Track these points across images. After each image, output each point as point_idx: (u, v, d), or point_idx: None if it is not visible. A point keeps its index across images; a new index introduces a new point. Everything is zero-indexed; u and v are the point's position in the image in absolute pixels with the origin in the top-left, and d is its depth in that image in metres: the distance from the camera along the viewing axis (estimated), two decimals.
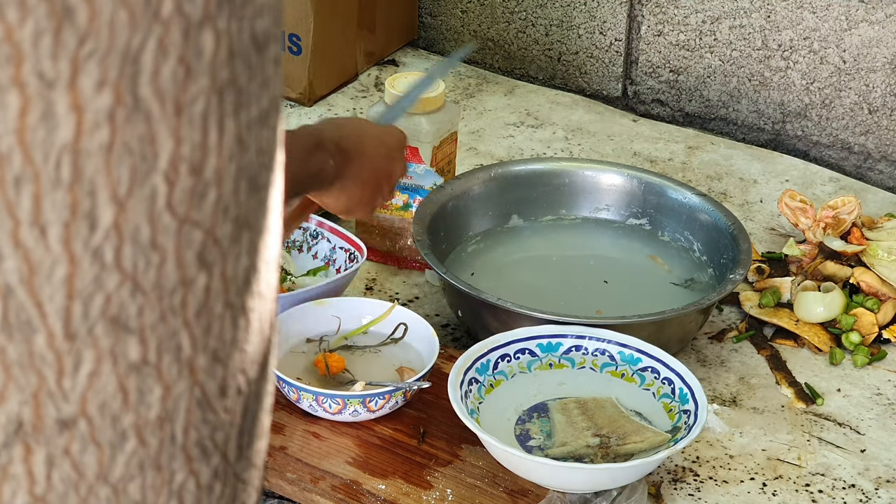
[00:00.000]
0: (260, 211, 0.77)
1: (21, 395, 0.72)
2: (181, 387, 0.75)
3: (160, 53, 0.69)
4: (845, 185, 2.11)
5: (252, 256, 0.77)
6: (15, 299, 0.70)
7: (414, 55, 2.44)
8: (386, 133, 1.53)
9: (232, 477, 0.81)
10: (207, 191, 0.73)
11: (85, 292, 0.71)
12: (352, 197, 1.48)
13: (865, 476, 1.59)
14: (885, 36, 2.08)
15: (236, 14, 0.71)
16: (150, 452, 0.76)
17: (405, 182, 1.83)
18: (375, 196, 1.50)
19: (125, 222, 0.71)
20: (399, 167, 1.53)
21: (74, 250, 0.70)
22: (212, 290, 0.75)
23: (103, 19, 0.67)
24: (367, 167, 1.48)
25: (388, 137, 1.52)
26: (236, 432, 0.80)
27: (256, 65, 0.74)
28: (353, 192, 1.48)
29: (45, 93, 0.67)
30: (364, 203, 1.50)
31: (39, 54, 0.67)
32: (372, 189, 1.49)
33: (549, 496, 1.49)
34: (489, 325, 1.66)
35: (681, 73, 2.27)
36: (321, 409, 1.57)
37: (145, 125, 0.70)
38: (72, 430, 0.73)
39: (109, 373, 0.73)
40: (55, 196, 0.69)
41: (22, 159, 0.68)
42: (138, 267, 0.72)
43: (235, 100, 0.73)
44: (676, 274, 1.83)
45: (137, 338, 0.73)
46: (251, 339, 0.79)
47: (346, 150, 1.46)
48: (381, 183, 1.50)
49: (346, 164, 1.45)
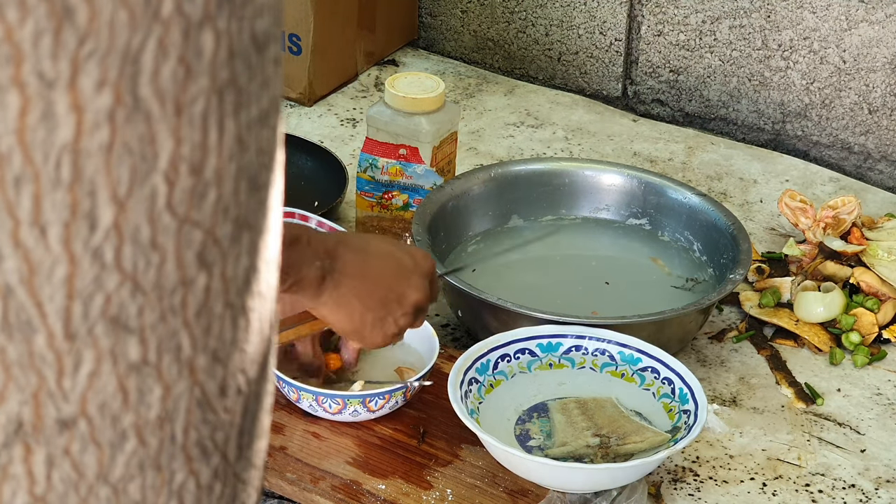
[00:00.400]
0: (260, 211, 0.77)
1: (21, 395, 0.72)
2: (181, 387, 0.75)
3: (160, 53, 0.69)
4: (845, 185, 2.11)
5: (252, 256, 0.77)
6: (15, 299, 0.70)
7: (414, 55, 2.44)
8: (406, 253, 1.41)
9: (232, 477, 0.81)
10: (207, 191, 0.73)
11: (85, 292, 0.71)
12: (352, 315, 1.37)
13: (865, 476, 1.59)
14: (885, 36, 2.08)
15: (236, 14, 0.71)
16: (150, 452, 0.76)
17: (405, 182, 1.84)
18: (384, 319, 1.38)
19: (125, 222, 0.71)
20: (414, 292, 1.39)
21: (74, 250, 0.70)
22: (212, 290, 0.75)
23: (103, 19, 0.67)
24: (370, 284, 1.36)
25: (405, 257, 1.40)
26: (236, 432, 0.80)
27: (256, 65, 0.74)
28: (353, 309, 1.36)
29: (45, 93, 0.67)
30: (371, 326, 1.38)
31: (39, 54, 0.67)
32: (377, 311, 1.37)
33: (549, 496, 1.49)
34: (489, 325, 1.66)
35: (681, 73, 2.27)
36: (321, 409, 1.57)
37: (145, 125, 0.70)
38: (72, 430, 0.73)
39: (109, 373, 0.73)
40: (55, 196, 0.69)
41: (22, 159, 0.68)
42: (138, 267, 0.72)
43: (235, 100, 0.73)
44: (676, 275, 1.83)
45: (137, 338, 0.73)
46: (251, 339, 0.79)
47: (338, 257, 1.34)
48: (389, 305, 1.38)
49: (342, 275, 1.34)
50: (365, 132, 1.86)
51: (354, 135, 2.18)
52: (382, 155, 1.83)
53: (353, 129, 2.20)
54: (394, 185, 1.84)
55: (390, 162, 1.83)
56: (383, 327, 1.39)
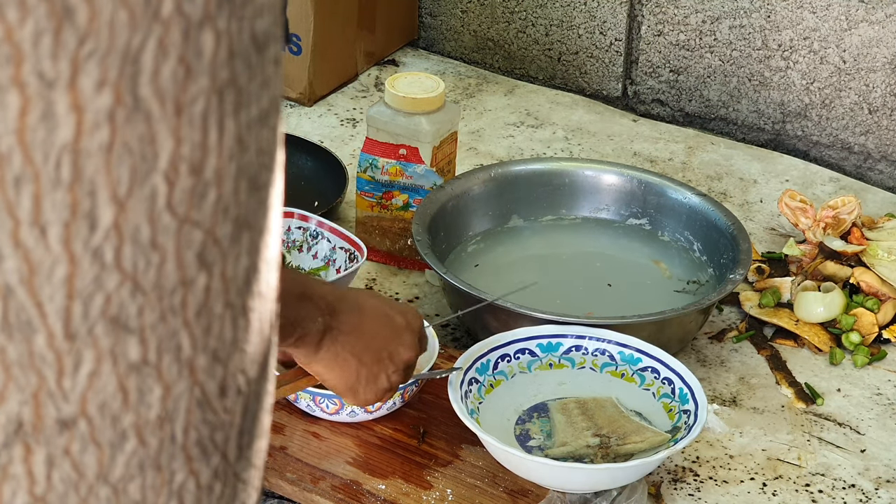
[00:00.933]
0: (260, 211, 0.77)
1: (21, 395, 0.72)
2: (181, 387, 0.75)
3: (160, 53, 0.69)
4: (845, 185, 2.11)
5: (252, 256, 0.77)
6: (15, 299, 0.70)
7: (414, 55, 2.44)
8: (398, 312, 1.42)
9: (232, 477, 0.81)
10: (207, 191, 0.73)
11: (85, 292, 0.71)
12: (347, 372, 1.38)
13: (865, 476, 1.59)
14: (885, 36, 2.08)
15: (236, 14, 0.71)
16: (150, 452, 0.76)
17: (405, 182, 1.84)
18: (377, 375, 1.40)
19: (125, 222, 0.71)
20: (406, 350, 1.41)
21: (74, 250, 0.70)
22: (212, 290, 0.75)
23: (103, 19, 0.67)
24: (366, 340, 1.38)
25: (397, 316, 1.42)
26: (236, 432, 0.80)
27: (256, 65, 0.74)
28: (348, 365, 1.38)
29: (45, 93, 0.67)
30: (365, 382, 1.39)
31: (39, 54, 0.67)
32: (371, 367, 1.39)
33: (549, 496, 1.49)
34: (489, 325, 1.66)
35: (681, 72, 2.27)
36: (319, 409, 1.57)
37: (145, 125, 0.70)
38: (72, 430, 0.73)
39: (109, 373, 0.73)
40: (55, 196, 0.69)
41: (22, 159, 0.68)
42: (138, 267, 0.72)
43: (235, 100, 0.73)
44: (678, 278, 1.83)
45: (137, 338, 0.73)
46: (251, 339, 0.79)
47: (338, 313, 1.35)
48: (382, 361, 1.40)
49: (339, 332, 1.36)
50: (365, 132, 1.86)
51: (354, 135, 2.18)
52: (382, 155, 1.83)
53: (353, 129, 2.20)
54: (394, 185, 1.84)
55: (390, 162, 1.83)
56: (376, 383, 1.40)
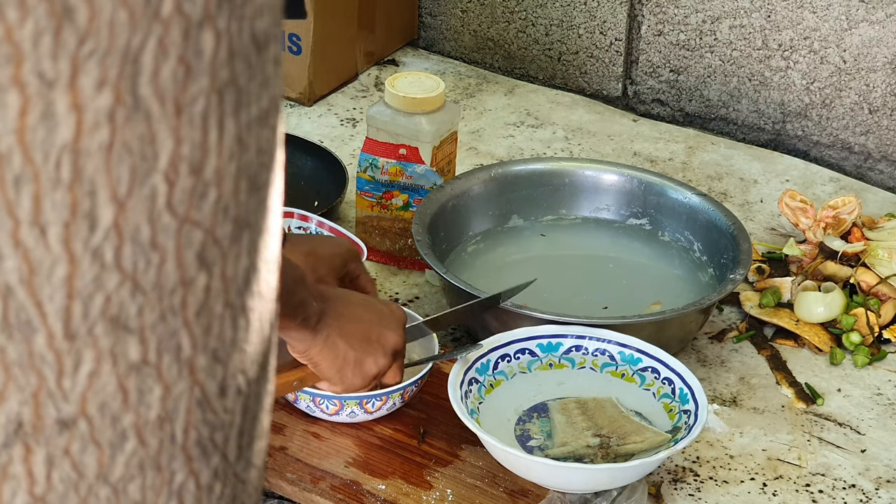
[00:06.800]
0: (260, 211, 0.77)
1: (21, 395, 0.72)
2: (181, 387, 0.75)
3: (160, 53, 0.69)
4: (845, 185, 2.11)
5: (252, 256, 0.77)
6: (15, 299, 0.70)
7: (414, 55, 2.44)
8: (380, 301, 1.49)
9: (232, 477, 0.81)
10: (207, 191, 0.73)
11: (85, 292, 0.71)
12: (336, 356, 1.42)
13: (866, 476, 1.59)
14: (886, 36, 2.08)
15: (236, 14, 0.71)
16: (150, 452, 0.76)
17: (405, 182, 1.83)
18: (365, 360, 1.44)
19: (125, 222, 0.71)
20: (393, 335, 1.46)
21: (74, 250, 0.70)
22: (212, 290, 0.75)
23: (103, 19, 0.67)
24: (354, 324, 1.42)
25: (381, 305, 1.47)
26: (236, 432, 0.80)
27: (256, 65, 0.74)
28: (337, 349, 1.42)
29: (45, 92, 0.67)
30: (353, 366, 1.44)
31: (39, 54, 0.67)
32: (359, 351, 1.43)
33: (549, 496, 1.49)
34: (489, 325, 1.66)
35: (681, 72, 2.27)
36: (318, 409, 1.57)
37: (145, 125, 0.70)
38: (72, 430, 0.73)
39: (109, 373, 0.73)
40: (55, 196, 0.69)
41: (22, 159, 0.68)
42: (138, 267, 0.72)
43: (235, 99, 0.73)
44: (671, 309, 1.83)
45: (137, 338, 0.73)
46: (251, 339, 0.79)
47: (328, 299, 1.40)
48: (371, 345, 1.44)
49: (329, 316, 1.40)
50: (365, 132, 1.86)
51: (354, 135, 2.18)
52: (382, 155, 1.83)
53: (353, 129, 2.20)
54: (394, 185, 1.84)
55: (390, 162, 1.83)
56: (364, 367, 1.44)
